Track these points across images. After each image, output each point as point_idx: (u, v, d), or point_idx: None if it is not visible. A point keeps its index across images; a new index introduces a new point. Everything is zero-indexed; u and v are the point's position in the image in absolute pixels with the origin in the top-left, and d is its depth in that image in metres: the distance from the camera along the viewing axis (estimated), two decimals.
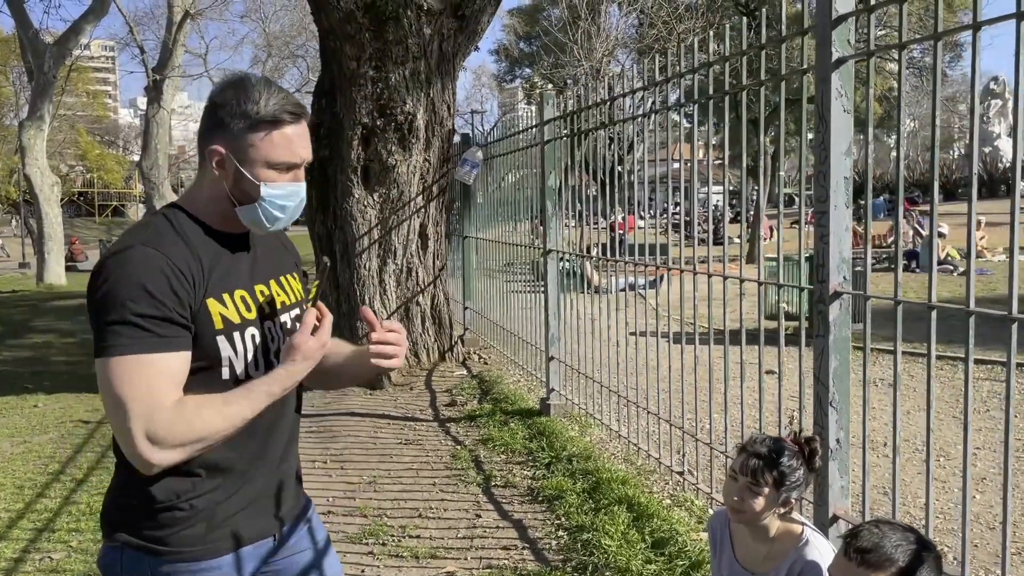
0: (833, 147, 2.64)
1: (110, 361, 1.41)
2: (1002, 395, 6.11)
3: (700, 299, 3.88)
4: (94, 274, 1.47)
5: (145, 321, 1.41)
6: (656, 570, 3.30)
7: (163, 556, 1.51)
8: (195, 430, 1.43)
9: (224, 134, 1.52)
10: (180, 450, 1.43)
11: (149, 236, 1.50)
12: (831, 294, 2.70)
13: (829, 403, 2.73)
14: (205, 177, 1.57)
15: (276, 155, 1.52)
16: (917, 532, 1.72)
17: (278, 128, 1.52)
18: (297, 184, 1.57)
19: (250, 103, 1.50)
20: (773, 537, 2.28)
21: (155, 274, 1.44)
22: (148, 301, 1.42)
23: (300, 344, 1.53)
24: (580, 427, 5.35)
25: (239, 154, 1.52)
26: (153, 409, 1.40)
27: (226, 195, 1.55)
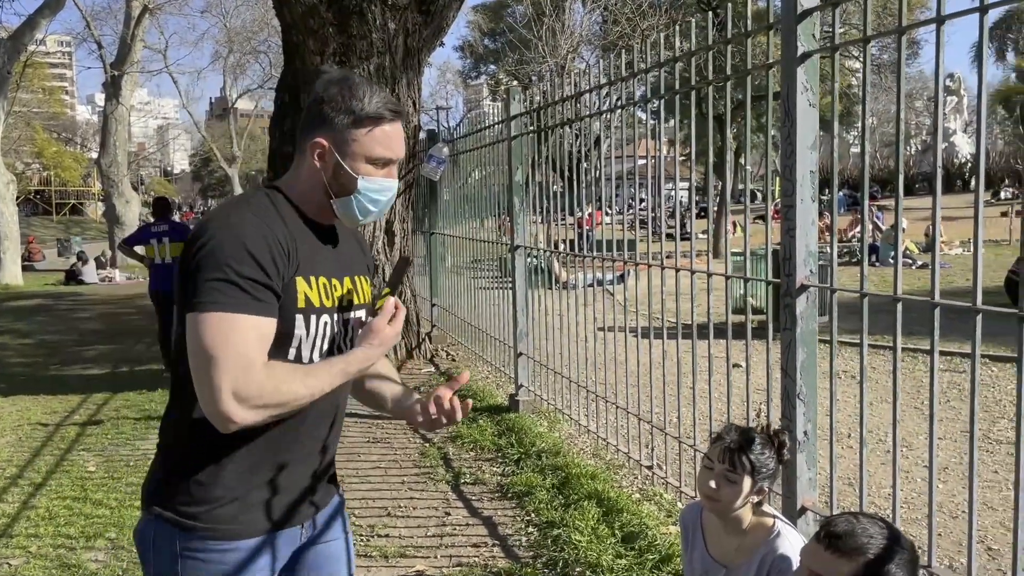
0: (799, 141, 2.66)
1: (207, 316, 1.43)
2: (961, 386, 6.24)
3: (667, 294, 3.89)
4: (195, 234, 1.50)
5: (245, 283, 1.45)
6: (626, 564, 3.31)
7: (193, 532, 1.54)
8: (280, 393, 1.46)
9: (328, 128, 1.58)
10: (262, 411, 1.45)
11: (253, 206, 1.56)
12: (798, 287, 2.72)
13: (797, 396, 2.75)
14: (303, 167, 1.63)
15: (375, 151, 1.59)
16: (895, 529, 1.73)
17: (379, 125, 1.59)
18: (391, 180, 1.65)
19: (355, 100, 1.57)
20: (745, 529, 2.29)
21: (258, 239, 1.48)
22: (250, 264, 1.46)
23: (380, 328, 1.58)
24: (549, 423, 5.34)
25: (341, 148, 1.58)
26: (245, 367, 1.42)
27: (323, 186, 1.61)
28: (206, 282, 1.44)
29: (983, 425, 5.10)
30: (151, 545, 1.58)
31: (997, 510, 3.99)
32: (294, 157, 1.66)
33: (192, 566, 1.55)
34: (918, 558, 1.73)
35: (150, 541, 1.58)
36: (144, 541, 1.60)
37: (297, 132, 1.65)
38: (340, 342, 1.65)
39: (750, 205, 3.52)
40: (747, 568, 2.26)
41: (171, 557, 1.56)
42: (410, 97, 7.03)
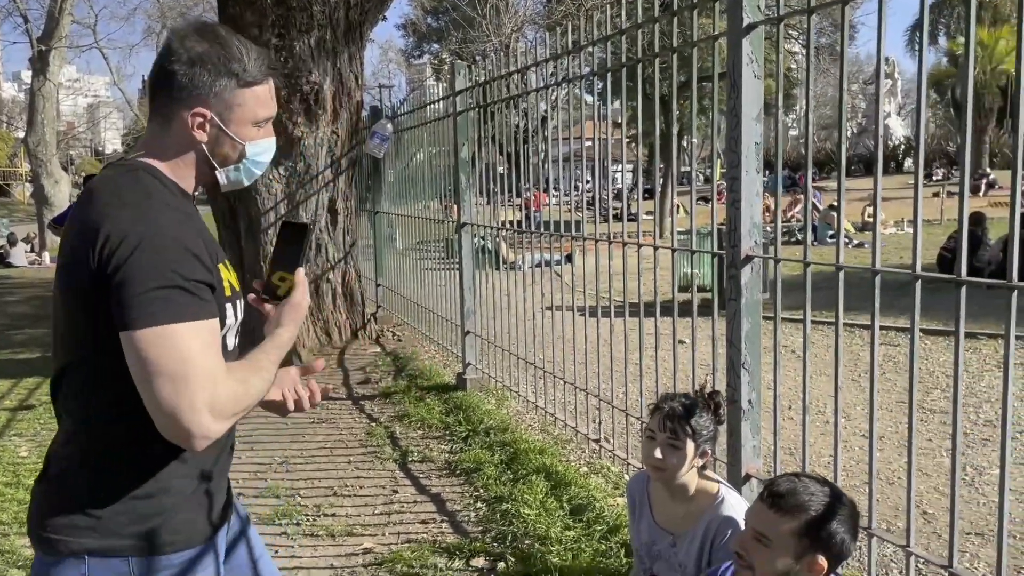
0: (744, 113, 2.67)
1: (159, 330, 1.26)
2: (895, 359, 6.43)
3: (613, 273, 3.90)
4: (102, 238, 1.30)
5: (191, 285, 1.31)
6: (575, 536, 3.32)
7: (151, 552, 1.39)
8: (248, 396, 1.35)
9: (206, 94, 1.41)
10: (232, 419, 1.33)
11: (158, 195, 1.39)
12: (743, 258, 2.74)
13: (742, 365, 2.78)
14: (171, 138, 1.45)
15: (261, 113, 1.48)
16: (836, 488, 1.77)
17: (262, 85, 1.47)
18: (271, 137, 1.54)
19: (233, 61, 1.42)
20: (691, 496, 2.32)
21: (192, 236, 1.36)
22: (192, 264, 1.32)
23: (302, 304, 1.49)
24: (497, 400, 5.34)
25: (224, 115, 1.44)
26: (216, 377, 1.29)
27: (204, 157, 1.46)
28: (148, 292, 1.27)
29: (917, 395, 5.26)
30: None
31: (931, 476, 4.12)
32: (151, 124, 1.47)
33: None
34: (859, 515, 1.77)
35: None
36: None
37: (155, 93, 1.45)
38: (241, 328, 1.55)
39: (696, 187, 3.55)
40: (693, 534, 2.30)
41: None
42: (352, 72, 6.91)
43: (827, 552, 1.69)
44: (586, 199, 5.38)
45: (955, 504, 2.22)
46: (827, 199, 18.89)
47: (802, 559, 1.69)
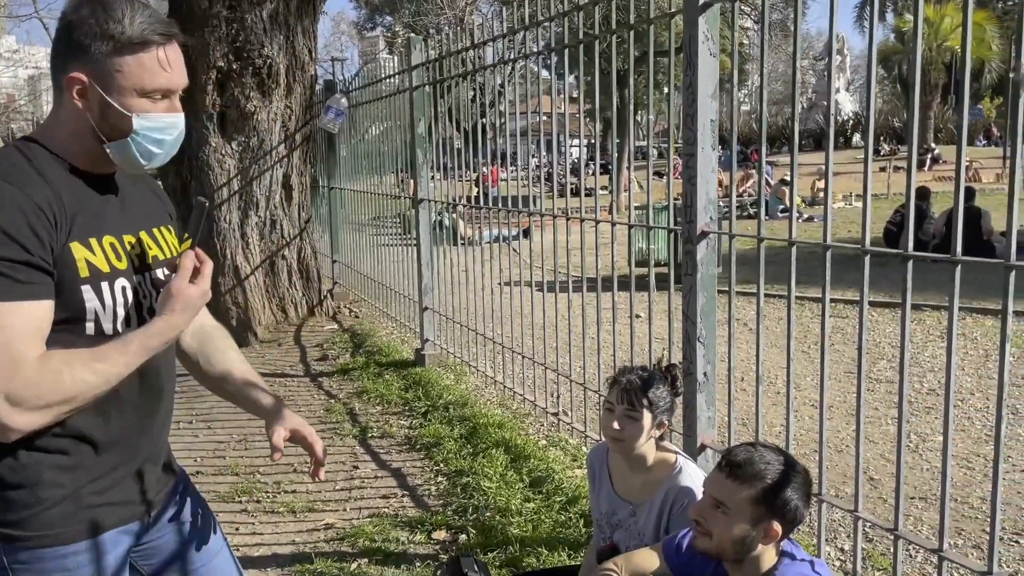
0: (701, 90, 2.71)
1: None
2: (844, 330, 6.60)
3: (571, 248, 3.95)
4: None
5: (3, 265, 1.24)
6: (535, 507, 3.38)
7: (19, 542, 1.34)
8: (63, 388, 1.28)
9: (84, 59, 1.33)
10: (45, 411, 1.27)
11: (19, 175, 1.31)
12: (699, 233, 2.80)
13: (697, 338, 2.85)
14: (63, 109, 1.37)
15: (147, 81, 1.35)
16: (790, 457, 1.83)
17: (147, 51, 1.34)
18: (174, 115, 1.41)
19: (112, 22, 1.31)
20: (649, 466, 2.37)
21: (12, 212, 1.26)
22: (5, 243, 1.24)
23: (179, 291, 1.37)
24: (456, 376, 5.37)
25: (104, 82, 1.33)
26: (15, 365, 1.23)
27: (91, 129, 1.37)
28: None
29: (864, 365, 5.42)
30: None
31: (877, 443, 4.27)
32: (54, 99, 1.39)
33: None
34: (811, 483, 1.84)
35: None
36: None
37: (50, 65, 1.38)
38: (152, 305, 1.45)
39: (652, 161, 3.59)
40: (652, 503, 2.35)
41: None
42: (306, 45, 6.81)
43: (782, 518, 1.76)
44: (542, 174, 5.39)
45: (900, 470, 2.32)
46: (778, 174, 19.18)
47: (758, 525, 1.75)
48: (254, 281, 6.88)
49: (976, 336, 6.05)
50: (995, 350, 5.60)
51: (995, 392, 4.57)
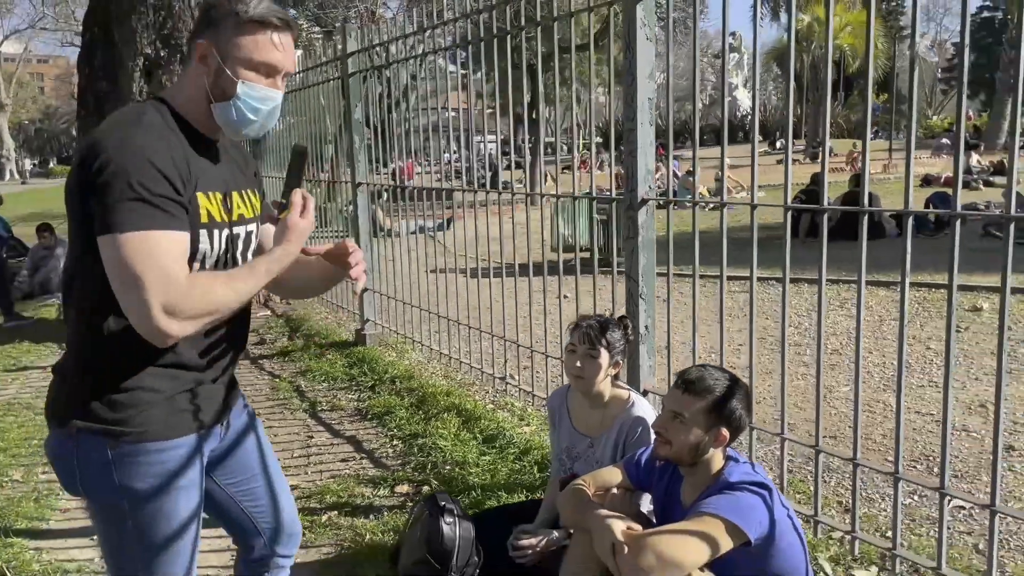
0: (639, 71, 3.03)
1: (124, 236, 1.42)
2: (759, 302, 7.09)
3: (494, 237, 4.27)
4: (87, 155, 1.46)
5: (156, 199, 1.45)
6: (491, 460, 3.65)
7: (123, 437, 1.57)
8: (209, 302, 1.49)
9: (212, 31, 1.58)
10: (194, 322, 1.48)
11: (146, 123, 1.53)
12: (640, 201, 3.12)
13: (639, 295, 3.17)
14: (188, 73, 1.63)
15: (257, 55, 1.59)
16: (733, 375, 2.16)
17: (263, 31, 1.58)
18: (274, 91, 1.64)
19: (240, 4, 1.57)
20: (606, 403, 2.68)
21: (162, 154, 1.48)
22: (158, 179, 1.45)
23: (294, 224, 1.61)
24: (397, 353, 5.57)
25: (223, 50, 1.58)
26: (170, 282, 1.43)
27: (205, 91, 1.60)
28: (118, 203, 1.42)
29: (776, 332, 5.91)
30: (76, 458, 1.59)
31: (791, 395, 4.70)
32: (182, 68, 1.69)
33: (127, 471, 1.58)
34: (751, 397, 2.17)
35: (72, 455, 1.59)
36: (65, 456, 1.60)
37: (186, 42, 1.70)
38: (234, 255, 1.68)
39: (561, 156, 3.95)
40: (608, 434, 2.66)
41: (103, 465, 1.58)
42: None
43: (728, 425, 2.08)
44: (453, 168, 5.63)
45: (820, 407, 2.69)
46: (684, 166, 19.94)
47: (710, 431, 2.08)
48: None
49: (871, 305, 6.62)
50: (888, 316, 6.18)
51: (890, 351, 5.06)
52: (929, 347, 5.33)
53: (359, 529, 3.18)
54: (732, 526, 1.97)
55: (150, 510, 1.62)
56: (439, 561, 2.60)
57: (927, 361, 5.04)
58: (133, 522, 1.62)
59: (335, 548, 3.09)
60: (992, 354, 5.08)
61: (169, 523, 1.64)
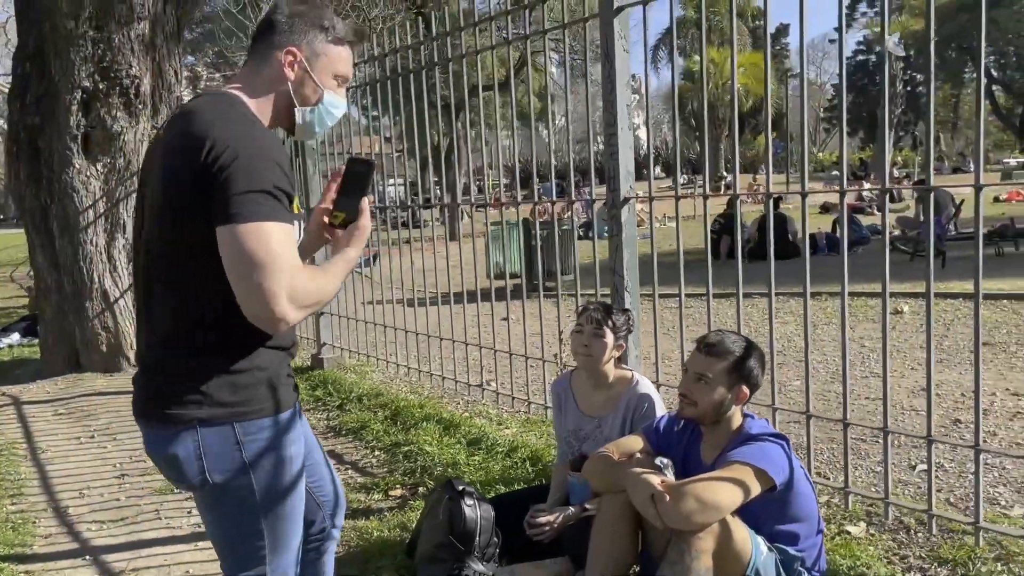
0: (618, 80, 3.26)
1: (254, 226, 1.48)
2: (693, 316, 7.42)
3: (417, 271, 4.48)
4: (211, 147, 1.51)
5: (279, 193, 1.53)
6: (481, 459, 3.74)
7: (246, 417, 1.63)
8: (321, 292, 1.59)
9: (301, 40, 1.71)
10: (307, 310, 1.55)
11: (254, 117, 1.64)
12: (622, 200, 3.33)
13: (625, 289, 3.36)
14: (263, 75, 1.71)
15: (340, 68, 1.76)
16: (748, 339, 2.36)
17: (345, 46, 1.76)
18: (344, 100, 1.82)
19: (325, 20, 1.73)
20: (611, 383, 2.85)
21: (280, 152, 1.58)
22: (281, 176, 1.54)
23: (365, 228, 1.75)
24: (358, 374, 5.60)
25: (311, 60, 1.72)
26: (293, 271, 1.51)
27: (287, 95, 1.71)
28: (243, 194, 1.49)
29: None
30: (200, 451, 1.62)
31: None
32: (245, 66, 1.74)
33: (254, 448, 1.65)
34: (764, 356, 2.37)
35: (197, 448, 1.61)
36: (187, 451, 1.62)
37: (256, 39, 1.73)
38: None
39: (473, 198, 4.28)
40: (615, 413, 2.82)
41: (231, 449, 1.63)
42: (171, 67, 6.83)
43: (748, 383, 2.28)
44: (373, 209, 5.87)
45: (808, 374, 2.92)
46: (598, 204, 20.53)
47: (732, 389, 2.26)
48: (123, 304, 6.73)
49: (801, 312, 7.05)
50: (820, 322, 6.60)
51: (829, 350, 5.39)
52: (864, 345, 5.73)
53: (363, 530, 3.22)
54: (760, 471, 2.14)
55: (275, 480, 1.69)
56: (462, 542, 2.68)
57: (865, 356, 5.43)
58: (261, 495, 1.68)
59: (343, 549, 3.11)
60: (920, 347, 5.51)
61: (291, 489, 1.73)
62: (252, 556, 1.73)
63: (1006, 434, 3.82)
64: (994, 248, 10.26)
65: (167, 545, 3.30)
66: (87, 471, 4.24)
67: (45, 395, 5.99)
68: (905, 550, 2.64)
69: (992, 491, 3.09)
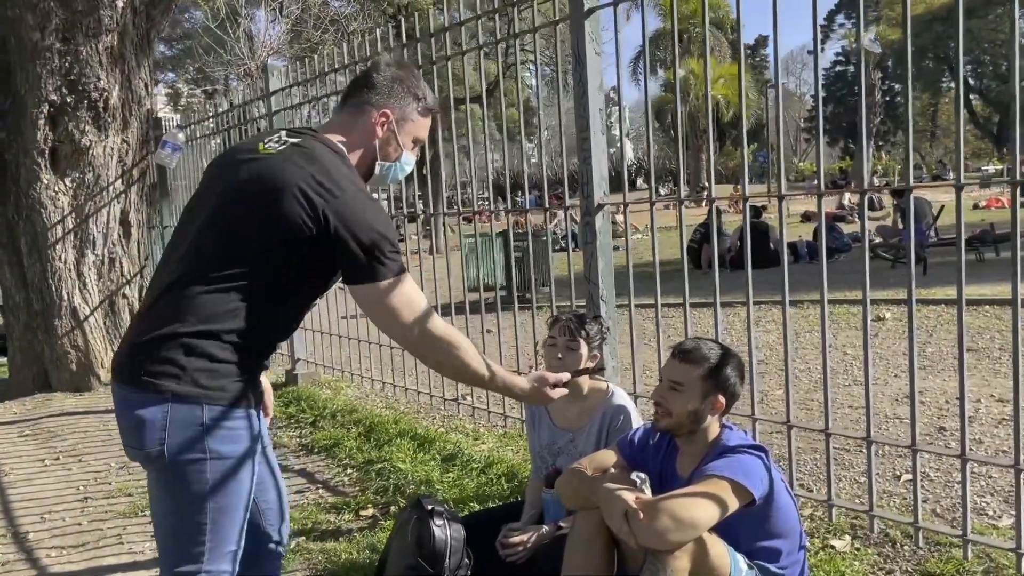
0: (590, 82, 3.18)
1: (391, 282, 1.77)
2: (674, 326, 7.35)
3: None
4: (349, 203, 1.73)
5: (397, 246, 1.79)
6: (455, 476, 3.63)
7: (216, 402, 1.71)
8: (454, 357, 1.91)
9: (396, 104, 1.93)
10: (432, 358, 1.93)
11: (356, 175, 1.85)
12: (596, 206, 3.24)
13: (600, 298, 3.27)
14: (358, 128, 1.92)
15: (421, 134, 2.00)
16: (725, 346, 2.26)
17: (430, 117, 2.01)
18: (415, 157, 2.03)
19: (419, 90, 1.96)
20: (586, 395, 2.75)
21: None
22: (394, 230, 1.80)
23: (543, 397, 2.11)
24: (333, 390, 5.47)
25: (400, 123, 1.94)
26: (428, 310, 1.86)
27: (372, 149, 1.93)
28: (390, 252, 1.76)
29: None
30: (165, 421, 1.69)
31: None
32: (342, 113, 1.95)
33: (216, 433, 1.72)
34: (744, 367, 2.28)
35: (164, 417, 1.69)
36: (152, 416, 1.69)
37: (355, 92, 1.95)
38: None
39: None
40: (590, 426, 2.72)
41: (195, 428, 1.70)
42: (141, 79, 6.71)
43: (724, 392, 2.18)
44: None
45: (789, 384, 2.84)
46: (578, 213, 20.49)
47: (707, 399, 2.17)
48: (94, 322, 6.58)
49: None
50: (801, 330, 6.54)
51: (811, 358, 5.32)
52: (847, 352, 5.66)
53: (331, 551, 3.10)
54: (738, 486, 2.05)
55: (229, 470, 1.74)
56: (431, 564, 2.56)
57: (848, 364, 5.35)
58: (212, 482, 1.73)
59: (309, 571, 3.00)
60: (903, 354, 5.44)
61: (240, 485, 1.78)
62: (190, 551, 1.76)
63: (992, 441, 3.74)
64: (975, 254, 10.26)
65: (128, 571, 3.17)
66: (50, 494, 4.10)
67: (12, 415, 5.83)
68: (891, 564, 2.55)
69: (979, 501, 3.01)
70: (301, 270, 1.78)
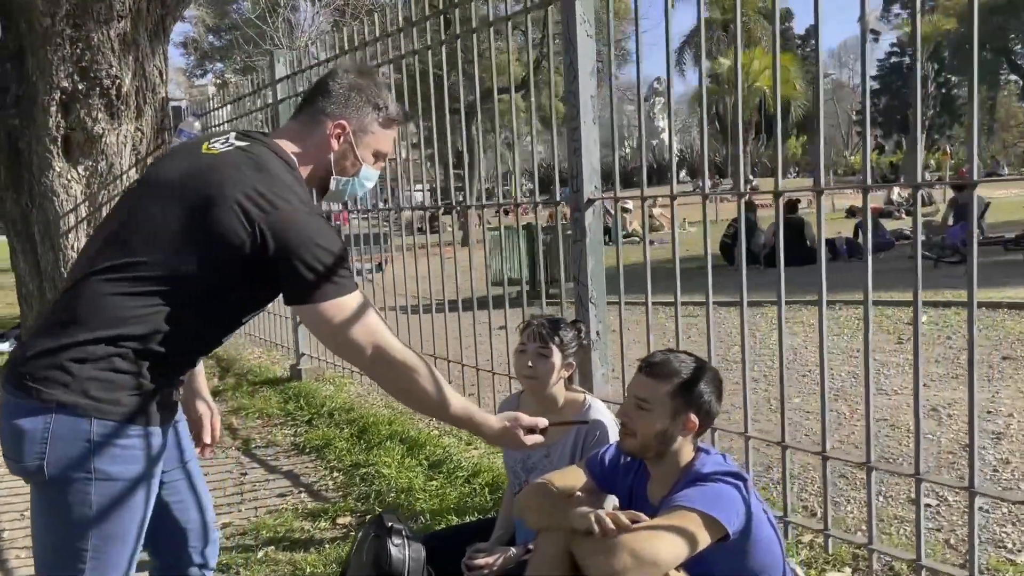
0: (581, 68, 2.95)
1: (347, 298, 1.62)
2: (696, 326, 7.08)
3: (422, 277, 4.23)
4: (289, 217, 1.56)
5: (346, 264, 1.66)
6: (439, 485, 3.45)
7: (107, 416, 1.54)
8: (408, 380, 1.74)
9: (353, 114, 1.77)
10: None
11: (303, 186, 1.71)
12: (586, 201, 3.01)
13: (589, 299, 3.04)
14: (313, 139, 1.76)
15: (383, 147, 1.83)
16: (700, 359, 2.03)
17: (393, 128, 1.83)
18: (377, 172, 1.87)
19: (381, 99, 1.78)
20: (561, 407, 2.52)
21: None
22: (343, 248, 1.65)
23: (516, 442, 1.92)
24: (335, 387, 5.33)
25: (358, 135, 1.78)
26: (388, 334, 1.72)
27: (327, 162, 1.77)
28: (337, 269, 1.62)
29: (721, 349, 5.87)
30: (46, 434, 1.52)
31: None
32: (296, 121, 1.79)
33: (105, 451, 1.54)
34: (722, 382, 2.04)
35: (45, 430, 1.52)
36: (33, 427, 1.52)
37: (311, 99, 1.78)
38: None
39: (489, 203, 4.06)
40: (565, 441, 2.50)
41: (80, 444, 1.53)
42: (156, 66, 6.59)
43: (697, 411, 1.95)
44: (393, 215, 5.47)
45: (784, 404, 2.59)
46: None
47: (677, 418, 1.93)
48: None
49: (813, 323, 6.65)
50: (830, 332, 6.20)
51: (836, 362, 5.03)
52: (875, 358, 5.32)
53: (298, 563, 2.94)
54: (709, 519, 1.82)
55: (118, 495, 1.58)
56: None
57: (874, 371, 5.02)
58: (96, 506, 1.56)
59: None
60: (936, 362, 5.11)
61: (131, 512, 1.61)
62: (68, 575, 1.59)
63: (1021, 462, 3.43)
64: (1022, 253, 9.77)
65: None
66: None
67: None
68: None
69: (999, 531, 2.72)
70: (229, 283, 1.61)
